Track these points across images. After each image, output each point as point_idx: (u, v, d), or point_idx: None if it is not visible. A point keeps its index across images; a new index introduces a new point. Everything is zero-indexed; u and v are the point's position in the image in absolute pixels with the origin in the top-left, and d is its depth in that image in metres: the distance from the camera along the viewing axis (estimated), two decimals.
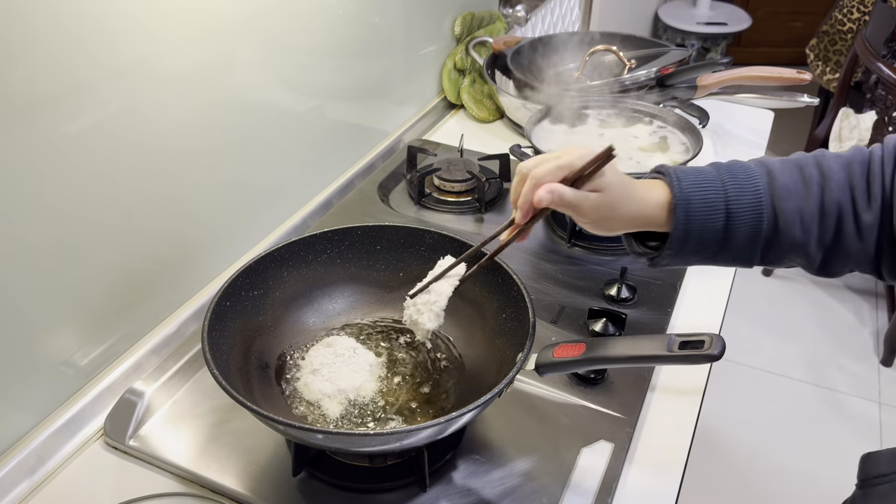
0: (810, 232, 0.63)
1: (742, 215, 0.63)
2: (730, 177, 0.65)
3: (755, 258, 0.66)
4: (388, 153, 1.34)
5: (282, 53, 1.01)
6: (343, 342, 0.83)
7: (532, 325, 0.72)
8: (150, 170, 0.83)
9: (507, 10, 1.68)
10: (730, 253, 0.65)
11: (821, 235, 0.64)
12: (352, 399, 0.77)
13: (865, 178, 0.63)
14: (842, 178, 0.64)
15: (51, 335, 0.77)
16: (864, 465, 0.75)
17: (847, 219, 0.63)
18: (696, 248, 0.65)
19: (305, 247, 0.86)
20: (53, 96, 0.69)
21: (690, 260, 0.67)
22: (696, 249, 0.65)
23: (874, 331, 2.34)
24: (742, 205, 0.63)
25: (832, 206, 0.63)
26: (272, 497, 0.73)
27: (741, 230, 0.64)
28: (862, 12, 2.67)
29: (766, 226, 0.63)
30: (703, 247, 0.65)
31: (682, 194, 0.64)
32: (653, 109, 1.22)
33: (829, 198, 0.63)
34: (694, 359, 0.63)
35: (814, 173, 0.64)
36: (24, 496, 0.75)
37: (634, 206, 0.65)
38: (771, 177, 0.64)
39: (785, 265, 0.67)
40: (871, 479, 0.73)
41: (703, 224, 0.64)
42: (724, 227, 0.64)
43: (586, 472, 0.75)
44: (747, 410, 2.07)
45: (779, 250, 0.65)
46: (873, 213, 0.62)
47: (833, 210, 0.63)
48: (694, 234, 0.64)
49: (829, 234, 0.64)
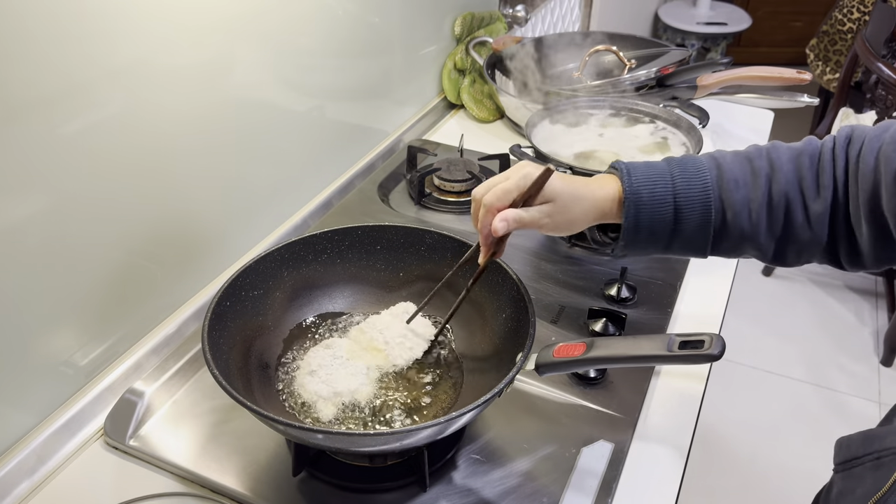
0: (759, 222, 0.66)
1: (690, 207, 0.66)
2: (679, 170, 0.67)
3: (706, 248, 0.68)
4: (388, 153, 1.34)
5: (282, 53, 1.01)
6: (341, 344, 0.83)
7: (532, 325, 0.72)
8: (150, 170, 0.83)
9: (507, 10, 1.68)
10: (681, 243, 0.68)
11: (770, 225, 0.66)
12: (346, 402, 0.77)
13: (815, 169, 0.65)
14: (790, 169, 0.66)
15: (50, 335, 0.77)
16: (840, 449, 0.76)
17: (796, 209, 0.65)
18: (649, 239, 0.68)
19: (305, 247, 0.86)
20: (50, 97, 0.69)
21: (646, 250, 0.70)
22: (649, 240, 0.68)
23: (874, 331, 2.34)
24: (690, 197, 0.66)
25: (780, 196, 0.65)
26: (272, 497, 0.73)
27: (690, 221, 0.67)
28: (862, 12, 2.67)
29: (715, 217, 0.66)
30: (655, 238, 0.68)
31: (632, 188, 0.67)
32: (653, 109, 1.22)
33: (777, 189, 0.65)
34: (694, 359, 0.63)
35: (763, 165, 0.66)
36: (24, 496, 0.75)
37: (588, 204, 0.69)
38: (720, 170, 0.67)
39: (739, 255, 0.70)
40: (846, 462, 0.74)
41: (652, 216, 0.67)
42: (673, 218, 0.67)
43: (586, 472, 0.75)
44: (747, 410, 2.07)
45: (729, 241, 0.67)
46: (822, 202, 0.64)
47: (781, 201, 0.65)
48: (644, 226, 0.67)
49: (778, 224, 0.66)
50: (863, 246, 0.64)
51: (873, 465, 0.71)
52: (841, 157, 0.65)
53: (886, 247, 0.63)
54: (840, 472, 0.75)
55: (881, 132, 0.64)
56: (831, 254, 0.67)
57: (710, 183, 0.66)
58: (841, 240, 0.66)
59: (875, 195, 0.61)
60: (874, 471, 0.70)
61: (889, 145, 0.61)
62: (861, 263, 0.67)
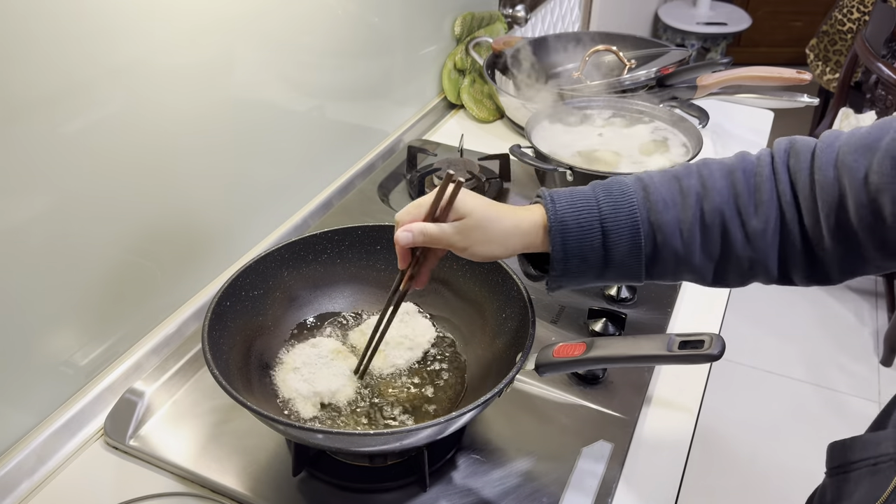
0: (692, 243, 0.63)
1: (618, 232, 0.63)
2: (605, 195, 0.64)
3: (640, 273, 0.65)
4: (388, 153, 1.34)
5: (282, 53, 1.01)
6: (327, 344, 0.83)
7: (532, 325, 0.72)
8: (150, 169, 0.83)
9: (507, 10, 1.68)
10: (615, 270, 0.65)
11: (704, 246, 0.63)
12: (325, 403, 0.77)
13: (751, 184, 0.62)
14: (723, 185, 0.63)
15: (51, 335, 0.77)
16: (833, 453, 0.75)
17: (733, 227, 0.62)
18: (580, 268, 0.65)
19: (305, 247, 0.86)
20: (52, 96, 0.69)
21: (580, 279, 0.66)
22: (581, 269, 0.65)
23: (874, 331, 2.34)
24: (617, 222, 0.63)
25: (713, 215, 0.62)
26: (272, 497, 0.73)
27: (620, 247, 0.63)
28: (862, 12, 2.67)
29: (645, 241, 0.63)
30: (587, 266, 0.65)
31: (557, 216, 0.64)
32: (653, 109, 1.22)
33: (710, 207, 0.62)
34: (694, 359, 0.63)
35: (692, 184, 0.63)
36: (24, 496, 0.75)
37: (508, 226, 0.66)
38: (646, 191, 0.64)
39: (676, 279, 0.67)
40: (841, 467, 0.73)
41: (580, 243, 0.64)
42: (601, 244, 0.63)
43: (586, 472, 0.75)
44: (747, 410, 2.07)
45: (663, 264, 0.64)
46: (762, 219, 0.61)
47: (715, 219, 0.62)
48: (573, 254, 0.64)
49: (714, 244, 0.63)
50: (827, 261, 0.62)
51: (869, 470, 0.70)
52: (783, 171, 0.62)
53: (855, 259, 0.61)
54: (833, 477, 0.74)
55: (831, 141, 0.61)
56: (781, 272, 0.64)
57: (637, 205, 0.63)
58: (794, 257, 0.62)
59: (840, 208, 0.59)
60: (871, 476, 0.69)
61: (847, 155, 0.59)
62: (826, 278, 0.64)
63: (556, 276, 0.65)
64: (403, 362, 0.81)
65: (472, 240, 0.66)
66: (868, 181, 0.57)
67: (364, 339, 0.84)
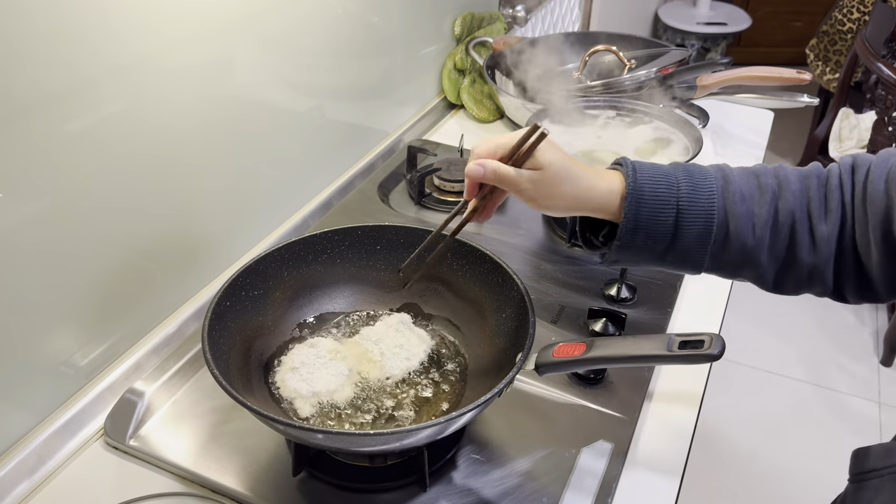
0: (762, 239, 0.63)
1: (693, 213, 0.63)
2: (685, 175, 0.65)
3: (703, 260, 0.65)
4: (388, 153, 1.34)
5: (282, 53, 1.01)
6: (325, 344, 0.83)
7: (532, 325, 0.72)
8: (151, 169, 0.83)
9: (507, 10, 1.68)
10: (678, 253, 0.65)
11: (772, 245, 0.63)
12: (323, 402, 0.77)
13: (823, 191, 0.63)
14: (798, 188, 0.64)
15: (51, 335, 0.77)
16: (857, 460, 0.75)
17: (801, 230, 0.63)
18: (645, 243, 0.65)
19: (305, 247, 0.86)
20: (55, 94, 0.69)
21: (639, 256, 0.66)
22: (645, 244, 0.65)
23: (874, 331, 2.34)
24: (693, 202, 0.64)
25: (786, 215, 0.63)
26: (272, 497, 0.73)
27: (691, 229, 0.64)
28: (862, 12, 2.67)
29: (717, 228, 0.63)
30: (653, 241, 0.65)
31: (636, 185, 0.64)
32: (653, 109, 1.22)
33: (784, 206, 0.63)
34: (694, 359, 0.63)
35: (770, 182, 0.64)
36: (24, 496, 0.75)
37: (581, 187, 0.66)
38: (726, 181, 0.65)
39: (735, 276, 0.67)
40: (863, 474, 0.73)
41: (652, 216, 0.64)
42: (674, 222, 0.64)
43: (586, 472, 0.75)
44: (747, 410, 2.07)
45: (729, 256, 0.64)
46: (830, 226, 0.62)
47: (787, 219, 0.63)
48: (643, 227, 0.64)
49: (782, 244, 0.63)
50: (873, 273, 0.63)
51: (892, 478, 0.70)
52: (847, 182, 0.63)
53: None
54: (855, 483, 0.74)
55: (888, 157, 0.63)
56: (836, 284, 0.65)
57: (716, 191, 0.64)
58: (848, 270, 0.63)
59: (886, 219, 0.60)
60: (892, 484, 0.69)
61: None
62: (872, 293, 0.64)
63: (618, 246, 0.65)
64: (399, 372, 0.81)
65: (542, 193, 0.66)
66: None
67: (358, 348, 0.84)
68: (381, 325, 0.85)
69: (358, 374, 0.80)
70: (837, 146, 2.37)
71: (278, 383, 0.79)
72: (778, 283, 0.66)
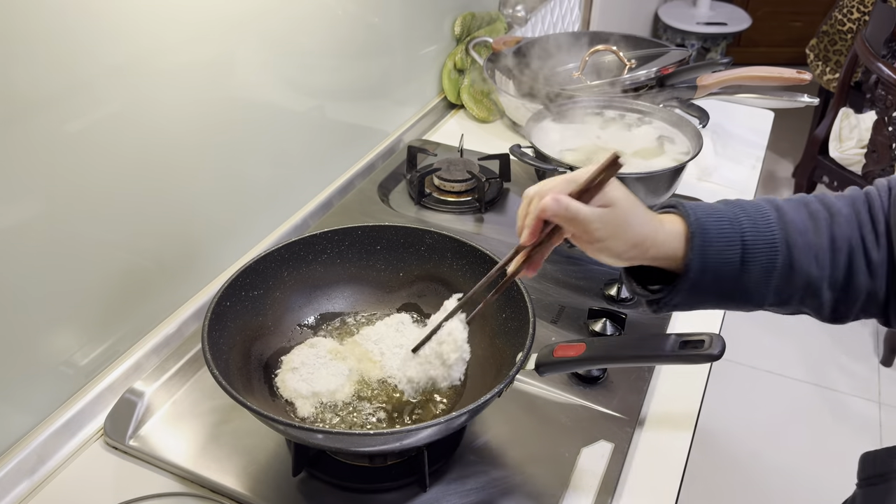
0: (824, 268, 0.62)
1: (758, 248, 0.61)
2: (741, 211, 0.63)
3: (767, 297, 0.63)
4: (388, 153, 1.34)
5: (282, 53, 1.01)
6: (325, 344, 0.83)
7: (532, 325, 0.72)
8: (150, 169, 0.83)
9: (507, 10, 1.68)
10: (743, 291, 0.63)
11: (833, 272, 0.62)
12: (323, 402, 0.77)
13: (869, 214, 0.62)
14: (849, 213, 0.62)
15: (51, 335, 0.77)
16: (864, 464, 0.74)
17: (858, 255, 0.61)
18: (712, 284, 0.62)
19: (305, 247, 0.86)
20: (54, 95, 0.69)
21: (703, 297, 0.64)
22: (712, 286, 0.62)
23: (874, 331, 2.34)
24: (757, 238, 0.61)
25: (842, 241, 0.62)
26: (272, 497, 0.73)
27: (757, 264, 0.61)
28: (862, 12, 2.67)
29: (781, 261, 0.61)
30: (719, 282, 0.62)
31: (698, 223, 0.62)
32: (653, 109, 1.22)
33: (839, 233, 0.62)
34: (694, 358, 0.63)
35: (820, 209, 0.63)
36: (24, 496, 0.75)
37: (649, 227, 0.62)
38: (780, 212, 0.63)
39: (797, 310, 0.65)
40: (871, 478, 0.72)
41: (720, 255, 0.61)
42: (740, 259, 0.61)
43: (586, 472, 0.75)
44: (747, 410, 2.07)
45: (792, 288, 0.63)
46: (882, 250, 0.61)
47: (844, 245, 0.61)
48: (711, 267, 0.61)
49: (840, 271, 0.62)
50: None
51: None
52: (885, 204, 0.62)
53: None
54: (864, 488, 0.74)
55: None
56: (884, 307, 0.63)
57: (774, 224, 0.62)
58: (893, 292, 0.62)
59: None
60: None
61: None
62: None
63: (681, 289, 0.62)
64: (399, 373, 0.80)
65: (610, 230, 0.60)
66: None
67: (364, 339, 0.84)
68: (381, 325, 0.85)
69: (358, 374, 0.80)
70: (837, 146, 2.37)
71: (278, 383, 0.79)
72: (836, 312, 0.64)
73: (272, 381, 0.79)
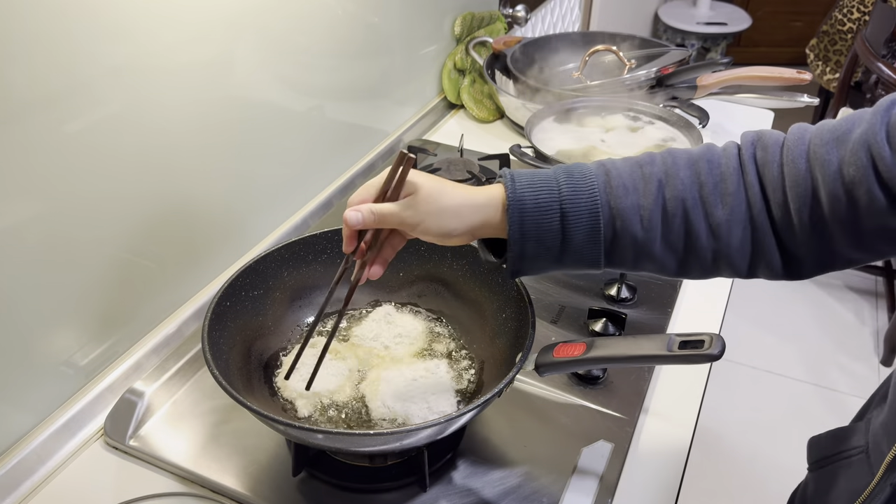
0: (652, 230, 0.61)
1: (577, 214, 0.62)
2: (566, 177, 0.63)
3: (599, 259, 0.63)
4: (388, 153, 1.34)
5: (282, 53, 1.01)
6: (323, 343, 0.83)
7: (532, 325, 0.72)
8: (150, 169, 0.83)
9: (507, 10, 1.68)
10: (573, 255, 0.63)
11: (665, 234, 0.62)
12: (323, 402, 0.77)
13: (716, 174, 0.61)
14: (687, 175, 0.62)
15: (51, 335, 0.77)
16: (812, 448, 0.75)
17: (696, 217, 0.61)
18: (537, 251, 0.63)
19: (305, 247, 0.86)
20: (53, 95, 0.69)
21: (538, 264, 0.64)
22: (537, 252, 0.63)
23: (874, 331, 2.34)
24: (577, 204, 0.62)
25: (675, 203, 0.61)
26: (272, 497, 0.73)
27: (579, 230, 0.62)
28: (862, 12, 2.67)
29: (605, 225, 0.62)
30: (543, 248, 0.63)
31: (516, 195, 0.62)
32: (653, 109, 1.22)
33: (672, 195, 0.61)
34: (694, 358, 0.63)
35: (655, 171, 0.62)
36: (24, 496, 0.75)
37: (459, 199, 0.64)
38: (608, 176, 0.63)
39: (637, 269, 0.65)
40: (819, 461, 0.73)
41: (537, 224, 0.62)
42: (560, 227, 0.62)
43: (586, 472, 0.75)
44: (747, 410, 2.07)
45: (623, 251, 0.63)
46: (727, 210, 0.60)
47: (677, 208, 0.61)
48: (531, 235, 0.62)
49: (676, 234, 0.62)
50: (800, 255, 0.61)
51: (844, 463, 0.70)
52: (749, 163, 0.61)
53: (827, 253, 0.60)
54: (814, 472, 0.74)
55: (801, 133, 0.60)
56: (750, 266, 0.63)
57: (598, 188, 0.62)
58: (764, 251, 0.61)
59: (813, 200, 0.58)
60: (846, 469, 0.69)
61: (819, 147, 0.58)
62: (797, 273, 0.62)
63: (512, 257, 0.63)
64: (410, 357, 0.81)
65: (422, 213, 0.63)
66: (842, 173, 0.56)
67: (361, 339, 0.84)
68: (369, 323, 0.85)
69: (358, 374, 0.80)
70: None
71: (278, 383, 0.79)
72: (682, 271, 0.64)
73: (272, 381, 0.80)
